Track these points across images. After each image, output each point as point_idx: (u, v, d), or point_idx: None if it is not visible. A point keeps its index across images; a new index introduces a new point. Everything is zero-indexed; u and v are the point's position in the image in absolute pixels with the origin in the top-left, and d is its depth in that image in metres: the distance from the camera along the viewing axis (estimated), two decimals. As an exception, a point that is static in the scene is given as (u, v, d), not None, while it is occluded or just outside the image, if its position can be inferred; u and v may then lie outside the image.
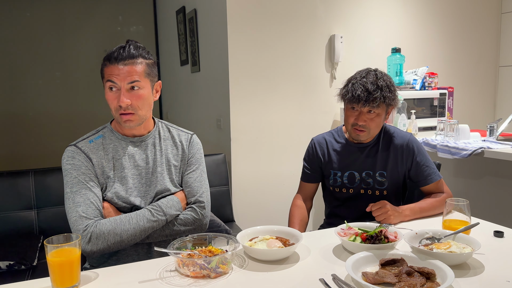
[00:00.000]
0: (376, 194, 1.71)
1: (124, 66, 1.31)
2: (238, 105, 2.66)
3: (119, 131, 1.43)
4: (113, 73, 1.32)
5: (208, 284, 1.06)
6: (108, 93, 1.35)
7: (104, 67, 1.35)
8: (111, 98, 1.34)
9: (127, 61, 1.32)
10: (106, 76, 1.34)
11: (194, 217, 1.42)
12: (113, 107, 1.35)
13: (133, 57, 1.33)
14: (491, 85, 3.66)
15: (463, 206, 1.34)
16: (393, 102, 1.64)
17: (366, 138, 1.69)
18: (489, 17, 3.56)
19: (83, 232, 1.27)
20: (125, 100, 1.32)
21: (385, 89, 1.60)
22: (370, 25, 3.02)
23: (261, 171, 2.76)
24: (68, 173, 1.34)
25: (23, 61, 4.19)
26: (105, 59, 1.35)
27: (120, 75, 1.31)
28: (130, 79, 1.32)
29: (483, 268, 1.12)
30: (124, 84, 1.32)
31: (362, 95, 1.58)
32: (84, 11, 4.33)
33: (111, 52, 1.34)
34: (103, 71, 1.35)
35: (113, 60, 1.32)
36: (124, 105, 1.32)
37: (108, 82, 1.33)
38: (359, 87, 1.60)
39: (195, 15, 3.17)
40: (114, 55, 1.32)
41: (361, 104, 1.59)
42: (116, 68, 1.31)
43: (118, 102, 1.32)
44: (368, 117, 1.62)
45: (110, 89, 1.34)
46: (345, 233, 1.30)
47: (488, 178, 2.69)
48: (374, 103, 1.58)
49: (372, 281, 1.00)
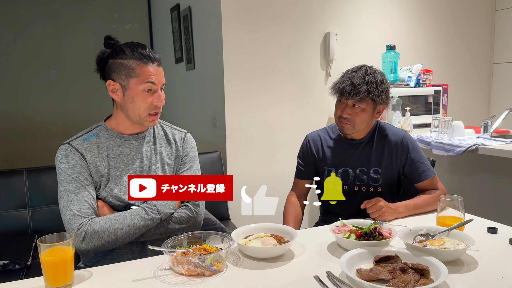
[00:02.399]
0: (370, 190, 1.72)
1: (159, 67, 1.36)
2: (233, 103, 2.66)
3: (115, 130, 1.42)
4: (152, 74, 1.33)
5: (202, 282, 1.06)
6: (143, 94, 1.34)
7: (138, 66, 1.32)
8: (146, 98, 1.34)
9: (159, 62, 1.36)
10: (144, 77, 1.32)
11: (189, 215, 1.42)
12: (146, 107, 1.35)
13: (160, 58, 1.37)
14: (486, 82, 3.68)
15: (457, 203, 1.34)
16: (380, 99, 1.63)
17: (351, 132, 1.69)
18: (483, 14, 3.57)
19: (77, 231, 1.26)
20: (163, 100, 1.36)
21: (372, 84, 1.61)
22: (365, 23, 3.03)
23: (256, 169, 2.76)
24: (62, 171, 1.33)
25: (17, 59, 4.16)
26: (130, 57, 1.32)
27: (157, 75, 1.34)
28: (164, 81, 1.38)
29: (477, 264, 1.12)
30: (160, 85, 1.36)
31: (347, 87, 1.61)
32: (79, 9, 4.30)
33: (139, 51, 1.32)
34: (135, 69, 1.32)
35: (148, 60, 1.33)
36: (161, 105, 1.36)
37: (148, 84, 1.33)
38: (346, 80, 1.63)
39: (189, 12, 3.16)
40: (148, 55, 1.33)
41: (345, 96, 1.62)
42: (155, 69, 1.34)
43: (155, 101, 1.35)
44: (353, 110, 1.64)
45: (148, 90, 1.34)
46: (339, 230, 1.30)
47: (482, 175, 2.71)
48: (357, 96, 1.60)
49: (366, 278, 1.01)
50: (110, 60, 1.35)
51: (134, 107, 1.35)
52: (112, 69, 1.34)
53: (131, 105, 1.35)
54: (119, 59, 1.33)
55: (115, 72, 1.34)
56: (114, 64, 1.34)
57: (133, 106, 1.35)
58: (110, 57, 1.35)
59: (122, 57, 1.33)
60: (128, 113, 1.37)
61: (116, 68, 1.33)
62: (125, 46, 1.35)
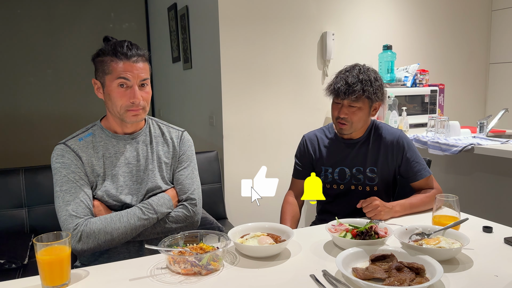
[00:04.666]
0: (366, 190, 1.72)
1: (136, 63, 1.33)
2: (230, 102, 2.66)
3: (110, 129, 1.42)
4: (126, 70, 1.31)
5: (199, 281, 1.06)
6: (118, 90, 1.32)
7: (111, 62, 1.31)
8: (121, 95, 1.33)
9: (137, 58, 1.33)
10: (116, 73, 1.31)
11: (186, 215, 1.42)
12: (122, 104, 1.33)
13: (140, 54, 1.34)
14: (482, 82, 3.69)
15: (452, 202, 1.35)
16: (376, 97, 1.64)
17: (349, 132, 1.70)
18: (479, 14, 3.59)
19: (74, 231, 1.26)
20: (140, 97, 1.33)
21: (366, 82, 1.61)
22: (361, 22, 3.03)
23: (253, 168, 2.75)
24: (57, 171, 1.33)
25: (14, 58, 4.14)
26: (107, 53, 1.32)
27: (133, 72, 1.32)
28: (142, 77, 1.34)
29: (472, 263, 1.13)
30: (136, 81, 1.33)
31: (342, 87, 1.61)
32: (75, 8, 4.29)
33: (115, 48, 1.31)
34: (109, 66, 1.32)
35: (123, 57, 1.31)
36: (138, 102, 1.33)
37: (120, 79, 1.31)
38: (341, 80, 1.64)
39: (186, 12, 3.16)
40: (123, 51, 1.31)
41: (341, 96, 1.63)
42: (129, 65, 1.31)
43: (130, 99, 1.32)
44: (349, 110, 1.64)
45: (121, 86, 1.32)
46: (335, 229, 1.31)
47: (478, 174, 2.72)
48: (352, 96, 1.60)
49: (362, 277, 1.01)
50: (95, 59, 1.37)
51: (112, 104, 1.35)
52: (95, 67, 1.37)
53: (110, 102, 1.36)
54: (99, 57, 1.35)
55: (97, 71, 1.36)
56: (96, 62, 1.36)
57: (111, 103, 1.35)
58: (96, 56, 1.37)
59: (101, 55, 1.34)
60: (110, 110, 1.38)
61: (98, 66, 1.36)
62: (108, 44, 1.35)
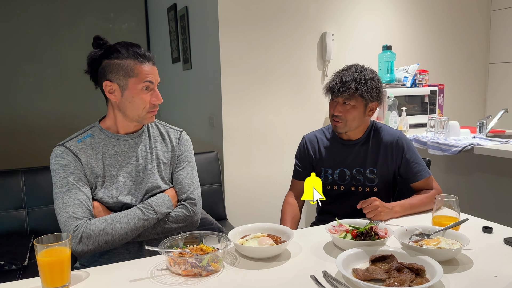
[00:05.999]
0: (366, 191, 1.72)
1: (154, 66, 1.37)
2: (230, 103, 2.66)
3: (110, 129, 1.42)
4: (149, 73, 1.35)
5: (199, 282, 1.06)
6: (143, 93, 1.35)
7: (136, 66, 1.32)
8: (146, 97, 1.36)
9: (153, 61, 1.38)
10: (142, 76, 1.33)
11: (186, 214, 1.42)
12: (146, 106, 1.36)
13: (154, 57, 1.39)
14: (481, 82, 3.70)
15: (452, 203, 1.35)
16: (370, 96, 1.64)
17: (344, 131, 1.70)
18: (479, 14, 3.59)
19: (74, 233, 1.26)
20: (161, 98, 1.39)
21: (360, 81, 1.63)
22: (361, 23, 3.03)
23: (253, 168, 2.77)
24: (56, 173, 1.32)
25: (13, 58, 4.14)
26: (127, 57, 1.32)
27: (154, 74, 1.36)
28: (159, 79, 1.39)
29: (472, 263, 1.13)
30: (156, 84, 1.38)
31: (337, 85, 1.64)
32: (75, 9, 4.29)
33: (135, 51, 1.33)
34: (133, 69, 1.32)
35: (145, 60, 1.34)
36: (159, 102, 1.38)
37: (146, 83, 1.34)
38: (336, 78, 1.66)
39: (186, 12, 3.16)
40: (145, 54, 1.35)
41: (335, 94, 1.66)
42: (152, 68, 1.36)
43: (153, 100, 1.37)
44: (343, 108, 1.66)
45: (145, 89, 1.35)
46: (335, 230, 1.31)
47: (478, 175, 2.72)
48: (346, 93, 1.62)
49: (362, 278, 1.01)
50: (105, 60, 1.33)
51: (133, 107, 1.35)
52: (108, 70, 1.33)
53: (130, 104, 1.35)
54: (114, 59, 1.32)
55: (112, 73, 1.33)
56: (110, 64, 1.33)
57: (132, 105, 1.35)
58: (104, 57, 1.34)
59: (118, 57, 1.32)
60: (126, 113, 1.37)
61: (114, 69, 1.32)
62: (120, 46, 1.34)
